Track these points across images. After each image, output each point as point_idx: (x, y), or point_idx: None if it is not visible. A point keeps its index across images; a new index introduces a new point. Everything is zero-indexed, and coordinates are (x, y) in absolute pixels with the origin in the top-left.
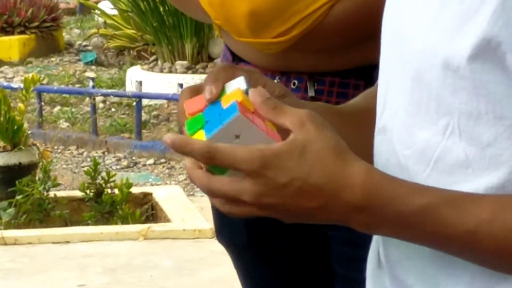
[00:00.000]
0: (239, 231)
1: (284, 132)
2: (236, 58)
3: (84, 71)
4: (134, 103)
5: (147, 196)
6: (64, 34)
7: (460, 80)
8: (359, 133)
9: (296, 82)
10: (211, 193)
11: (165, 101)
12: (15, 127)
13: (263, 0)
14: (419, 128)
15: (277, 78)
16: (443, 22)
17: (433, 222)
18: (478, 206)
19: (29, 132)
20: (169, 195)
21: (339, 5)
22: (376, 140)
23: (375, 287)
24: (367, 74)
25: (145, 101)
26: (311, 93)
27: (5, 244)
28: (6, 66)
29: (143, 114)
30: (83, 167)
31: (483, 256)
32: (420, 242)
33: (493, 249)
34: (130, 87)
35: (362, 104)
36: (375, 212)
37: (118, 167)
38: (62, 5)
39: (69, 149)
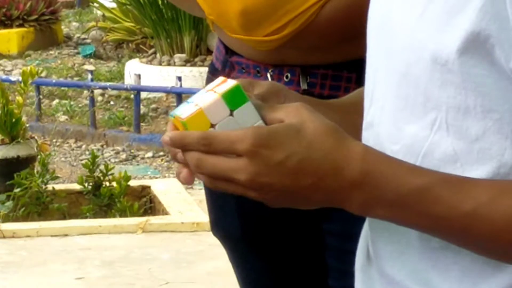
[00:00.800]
0: (234, 224)
1: None
2: (229, 52)
3: (83, 64)
4: (133, 96)
5: (145, 189)
6: (62, 27)
7: (448, 74)
8: (352, 126)
9: (288, 75)
10: (203, 168)
11: (163, 94)
12: (14, 120)
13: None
14: (407, 123)
15: (270, 71)
16: (431, 15)
17: (430, 202)
18: (476, 188)
19: (27, 125)
20: (168, 188)
21: (330, 3)
22: (363, 135)
23: (364, 283)
24: (359, 67)
25: (143, 94)
26: (303, 86)
27: (4, 237)
28: (4, 59)
29: (141, 107)
30: (81, 160)
31: (478, 239)
32: (415, 223)
33: (489, 232)
34: (129, 80)
35: (354, 99)
36: (372, 190)
37: (116, 160)
38: None
39: (67, 142)
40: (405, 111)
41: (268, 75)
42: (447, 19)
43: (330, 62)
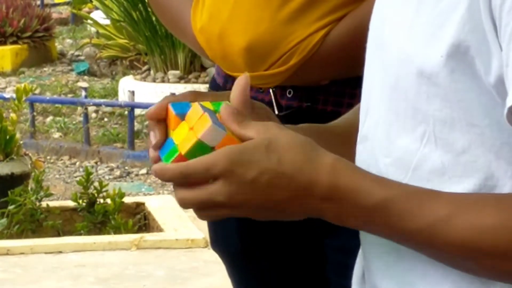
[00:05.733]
0: (233, 239)
1: None
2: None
3: (77, 81)
4: (127, 113)
5: (139, 206)
6: (56, 44)
7: (433, 87)
8: (349, 149)
9: (291, 91)
10: (187, 204)
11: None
12: (7, 137)
13: (259, 34)
14: (398, 136)
15: (272, 88)
16: (417, 29)
17: (391, 215)
18: (437, 203)
19: (21, 142)
20: (162, 205)
21: (334, 31)
22: (358, 149)
23: None
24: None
25: (137, 111)
26: (306, 102)
27: None
28: None
29: (135, 124)
30: (75, 177)
31: (440, 252)
32: (385, 235)
33: (448, 246)
34: (123, 97)
35: (351, 120)
36: (341, 203)
37: (110, 177)
38: (54, 15)
39: (61, 159)
40: (396, 124)
41: (271, 90)
42: (431, 32)
43: (334, 79)
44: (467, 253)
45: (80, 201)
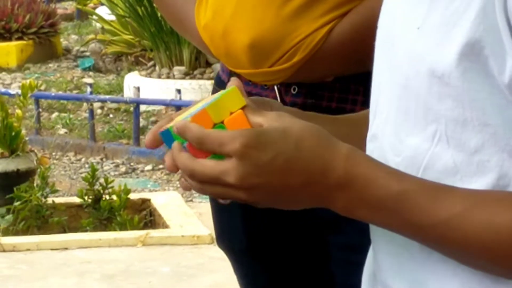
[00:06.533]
0: (239, 236)
1: None
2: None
3: (82, 77)
4: (132, 109)
5: (145, 202)
6: (61, 40)
7: (445, 87)
8: (360, 139)
9: (296, 87)
10: (194, 175)
11: (163, 107)
12: (13, 134)
13: (263, 31)
14: (408, 135)
15: (276, 84)
16: (429, 28)
17: (406, 208)
18: (452, 198)
19: (27, 138)
20: (168, 201)
21: (338, 27)
22: (368, 147)
23: None
24: (366, 79)
25: (143, 107)
26: (311, 98)
27: (3, 250)
28: (3, 72)
29: (141, 120)
30: (81, 173)
31: (452, 249)
32: (395, 228)
33: (461, 243)
34: (128, 93)
35: (362, 114)
36: (355, 191)
37: (116, 173)
38: (59, 11)
39: (67, 155)
40: (406, 124)
41: (275, 87)
42: (444, 32)
43: (338, 76)
44: (482, 251)
45: (86, 198)
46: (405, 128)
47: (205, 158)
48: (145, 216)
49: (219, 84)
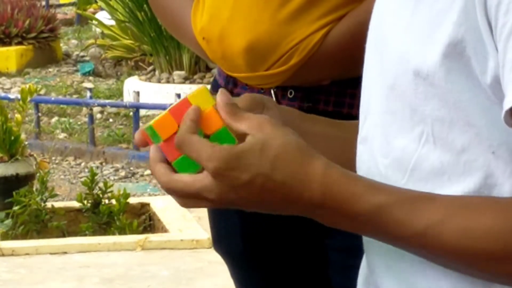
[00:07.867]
0: (236, 240)
1: (242, 138)
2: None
3: (82, 82)
4: (132, 113)
5: (144, 207)
6: (61, 44)
7: (430, 87)
8: (345, 140)
9: (292, 91)
10: (173, 191)
11: (162, 112)
12: (13, 138)
13: (259, 34)
14: (396, 137)
15: (273, 88)
16: (414, 28)
17: (384, 222)
18: (431, 207)
19: (26, 142)
20: (167, 205)
21: (333, 31)
22: (358, 149)
23: None
24: None
25: (142, 112)
26: (307, 102)
27: (3, 255)
28: (3, 77)
29: (140, 124)
30: (80, 177)
31: (433, 256)
32: (379, 240)
33: (443, 251)
34: (128, 98)
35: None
36: (333, 209)
37: (115, 177)
38: (59, 16)
39: (66, 160)
40: (394, 125)
41: (272, 91)
42: (429, 32)
43: (334, 79)
44: (461, 257)
45: (85, 202)
46: (393, 129)
47: (178, 158)
48: (144, 220)
49: (216, 89)
